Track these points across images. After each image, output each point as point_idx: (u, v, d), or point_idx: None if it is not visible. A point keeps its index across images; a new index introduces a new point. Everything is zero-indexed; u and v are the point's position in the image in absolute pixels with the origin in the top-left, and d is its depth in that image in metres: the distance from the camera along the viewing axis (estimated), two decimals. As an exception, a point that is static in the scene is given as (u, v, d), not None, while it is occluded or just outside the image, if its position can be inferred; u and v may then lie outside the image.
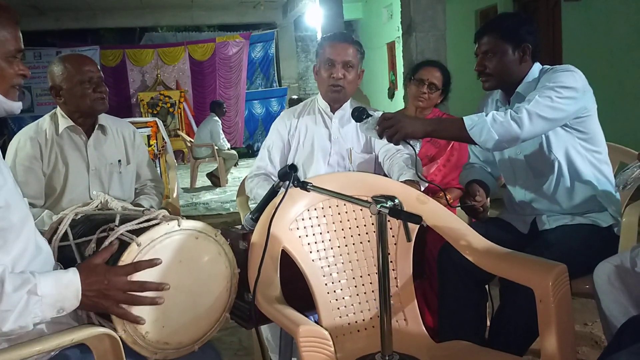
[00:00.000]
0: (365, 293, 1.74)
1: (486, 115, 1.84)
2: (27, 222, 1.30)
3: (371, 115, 1.94)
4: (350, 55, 2.29)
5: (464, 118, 1.85)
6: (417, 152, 1.91)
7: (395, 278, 1.77)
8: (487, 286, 2.05)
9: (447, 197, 2.56)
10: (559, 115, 1.86)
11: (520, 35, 2.00)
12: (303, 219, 1.72)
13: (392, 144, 2.21)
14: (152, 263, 1.29)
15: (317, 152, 2.38)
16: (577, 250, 1.86)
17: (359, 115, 1.95)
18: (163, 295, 1.31)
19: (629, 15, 5.74)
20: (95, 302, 1.26)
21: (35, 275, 1.20)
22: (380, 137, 1.88)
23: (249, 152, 12.49)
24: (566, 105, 1.86)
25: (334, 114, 2.40)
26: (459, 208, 2.28)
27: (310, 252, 1.70)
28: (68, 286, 1.23)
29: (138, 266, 1.28)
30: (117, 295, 1.26)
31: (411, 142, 1.87)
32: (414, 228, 1.71)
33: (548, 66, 2.04)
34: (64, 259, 1.42)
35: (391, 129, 1.83)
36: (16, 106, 1.34)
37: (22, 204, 1.31)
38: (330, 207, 1.77)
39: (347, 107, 2.39)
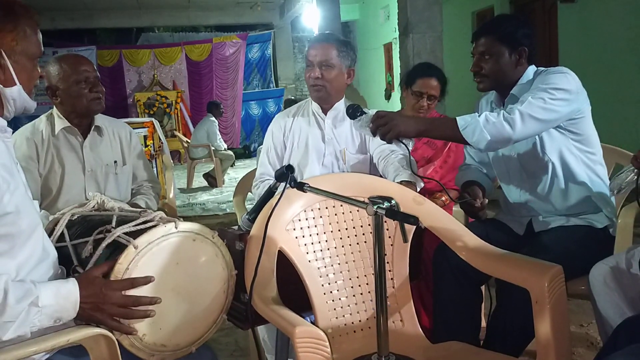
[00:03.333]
0: (361, 294, 1.74)
1: (479, 116, 1.85)
2: (36, 227, 1.32)
3: (365, 113, 1.94)
4: (328, 55, 2.28)
5: (457, 118, 1.86)
6: (410, 150, 1.92)
7: (391, 279, 1.77)
8: (485, 287, 2.06)
9: (444, 198, 2.58)
10: (551, 117, 1.87)
11: (517, 39, 2.01)
12: (300, 220, 1.72)
13: (386, 145, 2.22)
14: (147, 280, 1.31)
15: (311, 153, 2.38)
16: (572, 252, 1.86)
17: (353, 112, 1.96)
18: (160, 298, 1.32)
19: (625, 17, 5.75)
20: (90, 315, 1.28)
21: (37, 285, 1.22)
22: (374, 134, 1.88)
23: (246, 152, 12.48)
24: (559, 106, 1.87)
25: (326, 115, 2.41)
26: (456, 208, 2.28)
27: (307, 252, 1.70)
28: (67, 297, 1.24)
29: (135, 283, 1.30)
30: (112, 310, 1.28)
31: (404, 140, 1.87)
32: (410, 229, 1.72)
33: (542, 68, 2.05)
34: (60, 260, 1.42)
35: (384, 127, 1.84)
36: (34, 105, 1.42)
37: (32, 209, 1.33)
38: (327, 208, 1.77)
39: (339, 108, 2.39)
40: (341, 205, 1.78)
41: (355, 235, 1.79)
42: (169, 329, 1.36)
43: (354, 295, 1.73)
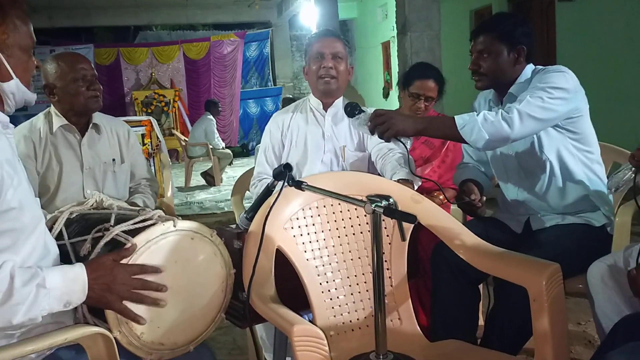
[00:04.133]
0: (359, 292, 1.74)
1: (477, 115, 1.85)
2: (39, 223, 1.32)
3: (364, 111, 1.94)
4: (339, 48, 2.31)
5: (455, 117, 1.86)
6: (408, 149, 1.92)
7: (389, 277, 1.78)
8: (484, 285, 2.06)
9: (441, 196, 2.58)
10: (549, 116, 1.87)
11: (516, 37, 2.01)
12: (298, 219, 1.72)
13: (384, 143, 2.22)
14: (155, 269, 1.32)
15: (310, 151, 2.38)
16: (570, 250, 1.86)
17: (352, 110, 1.96)
18: (166, 286, 1.33)
19: (623, 15, 5.76)
20: (100, 297, 1.27)
21: (43, 269, 1.22)
22: (372, 133, 1.88)
23: (244, 151, 12.47)
24: (557, 105, 1.87)
25: (326, 112, 2.40)
26: (454, 207, 2.28)
27: (305, 251, 1.70)
28: (75, 280, 1.24)
29: (144, 269, 1.31)
30: (122, 291, 1.27)
31: (402, 139, 1.87)
32: (408, 227, 1.72)
33: (540, 67, 2.05)
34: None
35: (383, 125, 1.84)
36: (34, 97, 1.41)
37: (34, 205, 1.33)
38: (325, 206, 1.77)
39: (339, 105, 2.39)
40: (339, 204, 1.78)
41: (354, 234, 1.79)
42: (167, 327, 1.35)
43: (352, 294, 1.73)
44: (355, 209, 1.79)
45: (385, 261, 1.76)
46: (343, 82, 2.36)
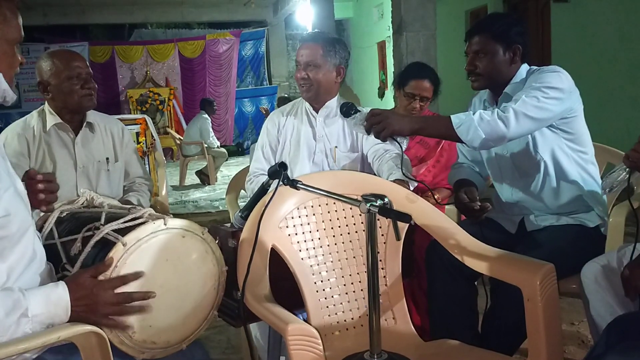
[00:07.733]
0: (354, 292, 1.74)
1: (474, 114, 1.85)
2: (27, 230, 1.29)
3: (359, 111, 1.94)
4: (314, 55, 2.30)
5: (452, 116, 1.86)
6: (404, 149, 1.92)
7: (384, 277, 1.77)
8: (482, 286, 2.06)
9: (436, 196, 2.58)
10: (545, 115, 1.88)
11: (511, 37, 2.01)
12: (292, 218, 1.72)
13: (380, 144, 2.22)
14: (137, 276, 1.30)
15: (302, 151, 2.40)
16: (564, 250, 1.87)
17: (347, 110, 1.96)
18: (154, 292, 1.31)
19: (618, 17, 5.78)
20: (84, 317, 1.25)
21: (25, 294, 1.20)
22: (368, 133, 1.88)
23: (239, 150, 12.45)
24: (552, 105, 1.87)
25: (317, 113, 2.41)
26: (449, 207, 2.28)
27: (300, 250, 1.70)
28: (57, 303, 1.22)
29: (125, 280, 1.28)
30: (105, 309, 1.26)
31: (398, 139, 1.87)
32: (403, 227, 1.72)
33: (535, 67, 2.05)
34: (49, 258, 1.40)
35: (379, 125, 1.83)
36: (14, 97, 1.36)
37: (23, 211, 1.30)
38: (320, 205, 1.77)
39: (331, 106, 2.40)
40: (334, 203, 1.78)
41: (348, 233, 1.78)
42: (158, 326, 1.35)
43: (346, 293, 1.73)
44: (350, 208, 1.79)
45: (380, 260, 1.76)
46: (323, 87, 2.34)
